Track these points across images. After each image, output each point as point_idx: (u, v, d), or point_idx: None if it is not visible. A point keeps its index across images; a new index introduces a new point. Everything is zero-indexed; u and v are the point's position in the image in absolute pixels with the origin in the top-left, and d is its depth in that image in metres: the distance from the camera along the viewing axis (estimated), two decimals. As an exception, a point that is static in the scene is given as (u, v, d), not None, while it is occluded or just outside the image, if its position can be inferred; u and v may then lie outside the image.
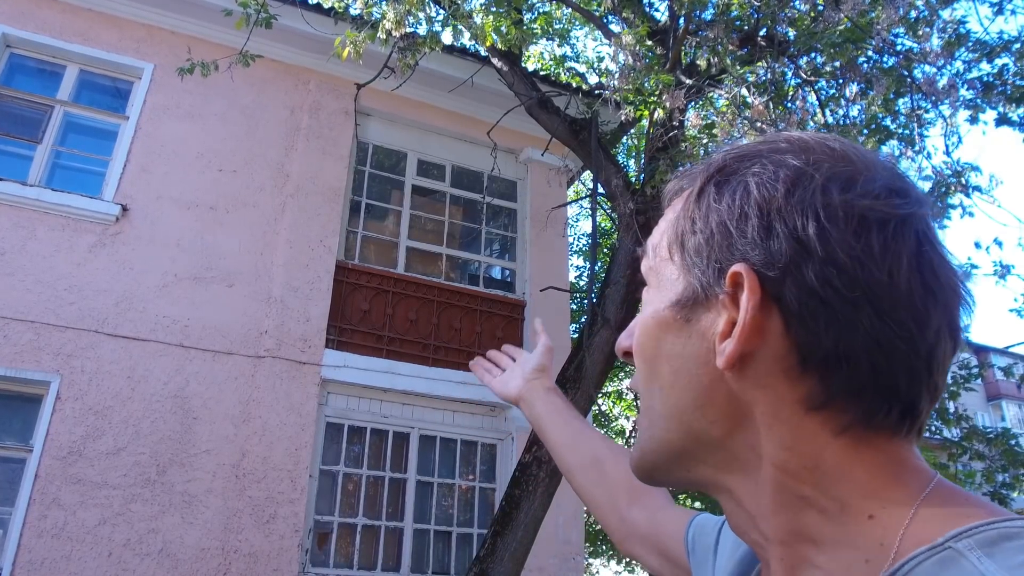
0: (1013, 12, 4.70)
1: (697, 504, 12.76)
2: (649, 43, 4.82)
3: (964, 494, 0.48)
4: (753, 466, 0.52)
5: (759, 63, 4.90)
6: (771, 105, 4.39)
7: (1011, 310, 5.86)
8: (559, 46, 9.54)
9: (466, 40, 4.99)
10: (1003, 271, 5.26)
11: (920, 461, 0.50)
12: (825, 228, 0.48)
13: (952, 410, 7.02)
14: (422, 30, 4.63)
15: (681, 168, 0.68)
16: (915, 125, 5.07)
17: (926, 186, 5.24)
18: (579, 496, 1.02)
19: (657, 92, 4.30)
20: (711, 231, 0.53)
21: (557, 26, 8.96)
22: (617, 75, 4.58)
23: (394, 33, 4.47)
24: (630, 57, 4.49)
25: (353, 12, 4.55)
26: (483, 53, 5.49)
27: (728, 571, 0.66)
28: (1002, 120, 5.01)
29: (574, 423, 1.06)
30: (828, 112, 5.34)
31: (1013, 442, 6.69)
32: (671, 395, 0.55)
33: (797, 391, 0.49)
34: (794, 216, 0.49)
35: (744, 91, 4.37)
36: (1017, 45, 4.73)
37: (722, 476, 0.55)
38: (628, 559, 14.01)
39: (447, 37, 4.90)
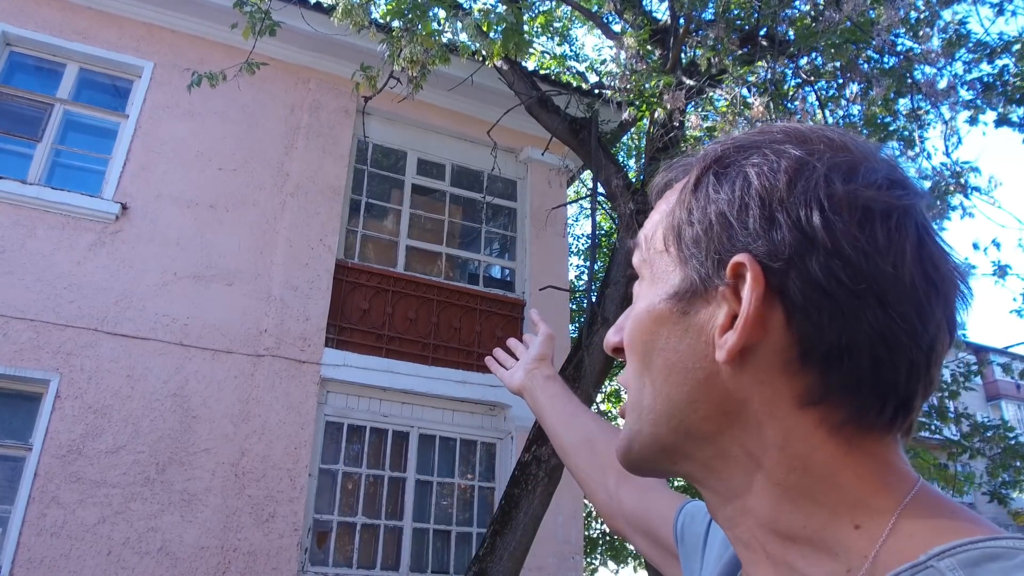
0: (1014, 13, 4.70)
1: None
2: (651, 46, 4.83)
3: (947, 504, 0.47)
4: (741, 464, 0.51)
5: (759, 63, 4.91)
6: (771, 105, 4.39)
7: (1012, 311, 5.87)
8: (559, 45, 9.54)
9: (466, 38, 4.99)
10: (1002, 271, 5.26)
11: (904, 464, 0.50)
12: (830, 219, 0.47)
13: (952, 409, 7.02)
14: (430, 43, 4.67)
15: (669, 161, 0.64)
16: (915, 126, 5.08)
17: (925, 186, 5.24)
18: (572, 475, 1.02)
19: (657, 93, 4.31)
20: (710, 222, 0.51)
21: (557, 25, 8.95)
22: (618, 77, 4.58)
23: (410, 72, 4.54)
24: (632, 59, 4.49)
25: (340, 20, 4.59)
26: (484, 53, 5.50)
27: (717, 570, 0.65)
28: (1002, 121, 5.01)
29: (569, 406, 1.07)
30: (828, 112, 5.34)
31: (1012, 437, 6.69)
32: (663, 389, 0.53)
33: (794, 386, 0.48)
34: (797, 207, 0.48)
35: (744, 91, 4.37)
36: (1017, 46, 4.73)
37: (708, 472, 0.54)
38: (625, 561, 14.02)
39: (456, 58, 4.96)
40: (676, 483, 12.30)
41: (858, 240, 0.47)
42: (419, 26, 4.44)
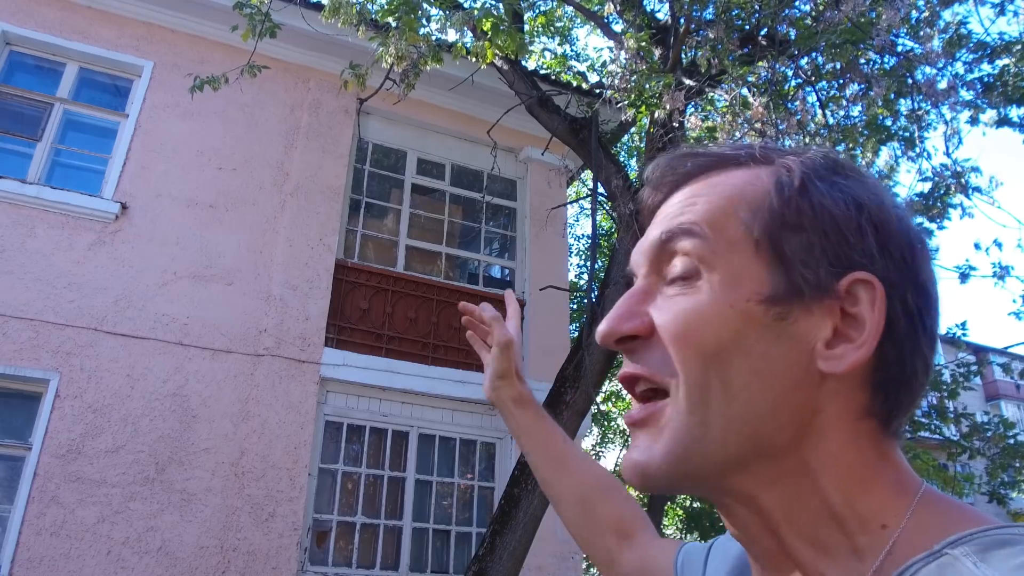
0: (1015, 14, 4.69)
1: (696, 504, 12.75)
2: (651, 46, 4.82)
3: (950, 499, 0.51)
4: (790, 475, 0.51)
5: (760, 63, 4.90)
6: (771, 105, 4.39)
7: (1010, 313, 5.86)
8: (560, 45, 9.54)
9: (455, 35, 4.99)
10: (1002, 272, 5.26)
11: (907, 464, 0.54)
12: (925, 260, 0.53)
13: (951, 409, 7.02)
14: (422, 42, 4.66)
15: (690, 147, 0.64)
16: (916, 127, 5.07)
17: (926, 187, 5.25)
18: (564, 525, 0.95)
19: (657, 93, 4.30)
20: (824, 231, 0.52)
21: (558, 24, 8.95)
22: (618, 78, 4.58)
23: (397, 68, 4.52)
24: (633, 60, 4.48)
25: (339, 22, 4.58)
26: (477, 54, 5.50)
27: None
28: (1002, 121, 5.00)
29: (552, 444, 0.96)
30: (828, 112, 5.33)
31: (1011, 436, 6.68)
32: (743, 396, 0.50)
33: (858, 400, 0.51)
34: (902, 241, 0.52)
35: (744, 91, 4.37)
36: (1018, 47, 4.72)
37: (757, 486, 0.52)
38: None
39: (448, 57, 4.90)
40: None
41: (935, 283, 0.54)
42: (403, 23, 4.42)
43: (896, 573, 0.46)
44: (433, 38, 4.71)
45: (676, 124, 4.60)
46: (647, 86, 4.33)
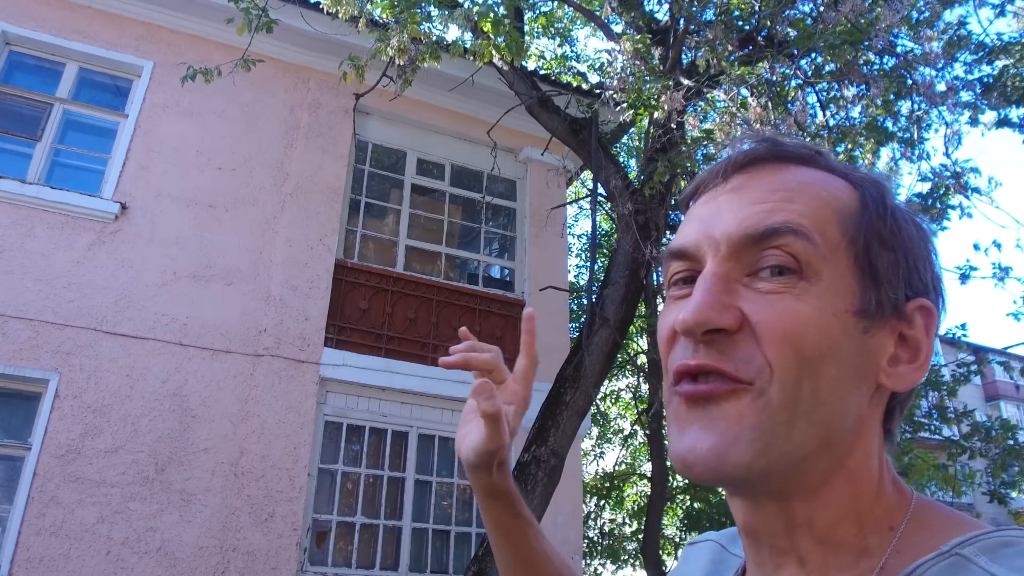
0: (1015, 15, 4.68)
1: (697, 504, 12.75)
2: (650, 47, 4.82)
3: (940, 504, 0.55)
4: (832, 476, 0.54)
5: (760, 64, 4.90)
6: (770, 106, 4.39)
7: (1009, 314, 5.85)
8: (560, 46, 9.54)
9: (457, 31, 4.99)
10: (1002, 273, 5.25)
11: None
12: (944, 295, 0.58)
13: (951, 409, 7.01)
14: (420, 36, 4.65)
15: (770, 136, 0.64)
16: (915, 128, 5.07)
17: (926, 188, 5.25)
18: None
19: (656, 95, 4.30)
20: (906, 254, 0.55)
21: (558, 25, 8.95)
22: (616, 80, 4.58)
23: (397, 61, 4.52)
24: (632, 61, 4.49)
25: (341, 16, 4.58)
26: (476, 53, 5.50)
27: None
28: (1002, 122, 5.01)
29: (522, 548, 0.86)
30: (829, 114, 5.33)
31: (1012, 437, 6.68)
32: (827, 401, 0.52)
33: (881, 413, 0.56)
34: (940, 274, 0.58)
35: (744, 91, 4.37)
36: (1018, 47, 4.72)
37: (800, 486, 0.53)
38: (623, 563, 14.01)
39: (448, 54, 4.88)
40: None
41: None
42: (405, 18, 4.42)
43: (907, 571, 0.48)
44: (433, 35, 4.71)
45: (675, 125, 4.60)
46: (645, 88, 4.33)
